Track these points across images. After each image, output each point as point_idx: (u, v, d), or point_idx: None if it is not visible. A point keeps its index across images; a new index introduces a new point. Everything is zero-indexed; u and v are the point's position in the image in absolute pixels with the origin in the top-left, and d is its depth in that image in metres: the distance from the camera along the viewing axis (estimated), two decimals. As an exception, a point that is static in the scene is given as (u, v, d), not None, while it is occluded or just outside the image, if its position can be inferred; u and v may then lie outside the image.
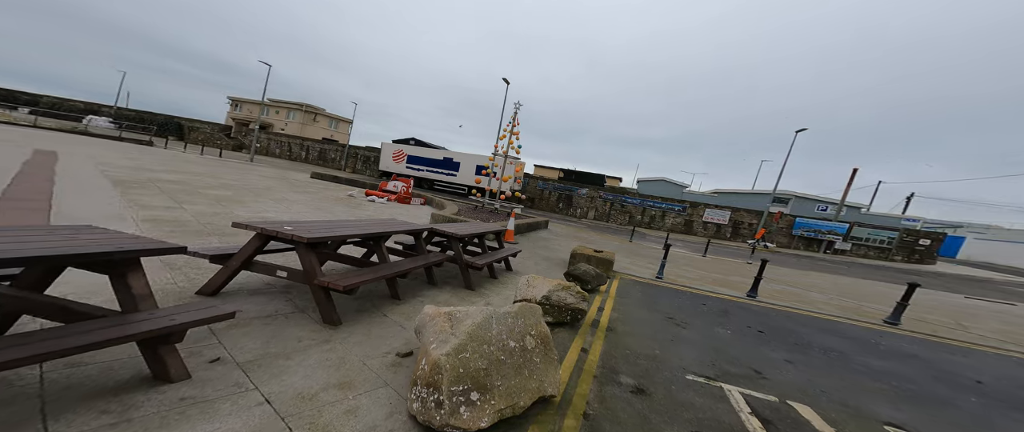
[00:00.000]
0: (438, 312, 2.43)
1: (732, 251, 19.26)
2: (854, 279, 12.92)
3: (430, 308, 2.51)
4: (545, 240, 10.78)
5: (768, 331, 4.80)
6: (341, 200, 11.11)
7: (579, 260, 6.92)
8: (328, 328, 2.72)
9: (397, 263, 3.46)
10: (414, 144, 32.15)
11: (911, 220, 22.82)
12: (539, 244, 9.69)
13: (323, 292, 2.69)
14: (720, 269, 10.87)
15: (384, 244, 3.52)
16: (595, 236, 15.58)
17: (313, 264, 2.69)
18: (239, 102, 43.60)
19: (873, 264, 19.23)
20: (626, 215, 27.61)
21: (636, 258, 10.52)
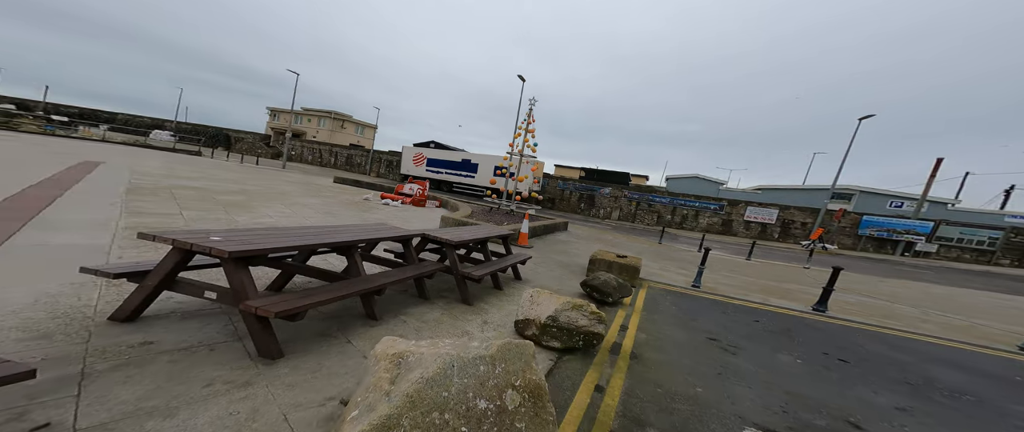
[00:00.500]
0: (384, 353, 1.76)
1: (783, 254, 16.97)
2: (949, 288, 10.58)
3: (382, 344, 1.85)
4: (563, 243, 9.88)
5: (856, 360, 3.62)
6: (355, 204, 11.00)
7: (599, 267, 6.00)
8: (262, 364, 2.15)
9: (368, 278, 2.86)
10: (434, 147, 32.48)
11: (1019, 217, 18.79)
12: (556, 248, 8.83)
13: (256, 319, 2.13)
14: (771, 275, 9.30)
15: (358, 254, 2.94)
16: (620, 238, 14.34)
17: (244, 283, 2.15)
18: (276, 112, 46.99)
19: (970, 269, 15.96)
20: (654, 215, 25.68)
21: (667, 263, 9.28)
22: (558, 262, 6.93)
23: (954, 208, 20.65)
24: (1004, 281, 13.87)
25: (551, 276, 5.64)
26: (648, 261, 9.11)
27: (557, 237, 10.98)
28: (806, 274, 10.42)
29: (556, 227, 12.15)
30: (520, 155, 13.59)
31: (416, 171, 29.03)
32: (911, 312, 6.53)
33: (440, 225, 8.21)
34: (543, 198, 29.81)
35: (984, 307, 7.94)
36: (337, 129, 44.42)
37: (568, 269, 6.45)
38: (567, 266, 6.69)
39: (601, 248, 9.83)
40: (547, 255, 7.51)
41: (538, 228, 10.29)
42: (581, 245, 10.10)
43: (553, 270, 6.14)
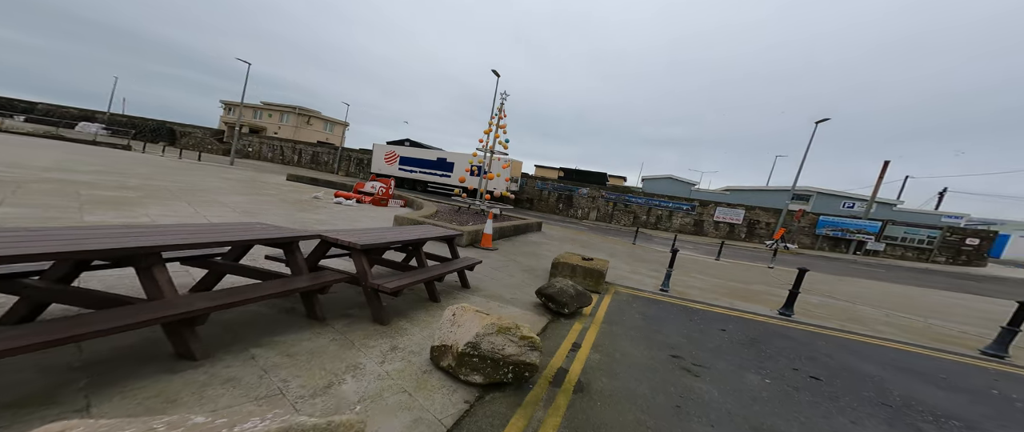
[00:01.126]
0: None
1: (749, 253, 17.45)
2: (902, 286, 11.07)
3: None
4: (534, 245, 9.35)
5: (828, 375, 3.29)
6: (299, 203, 9.90)
7: (562, 271, 5.48)
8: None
9: (170, 302, 1.94)
10: (409, 145, 31.17)
11: (953, 217, 20.53)
12: (525, 249, 8.28)
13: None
14: (738, 276, 9.25)
15: (156, 269, 1.98)
16: (595, 239, 14.06)
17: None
18: (232, 106, 43.44)
19: (913, 267, 17.14)
20: (630, 215, 25.92)
21: (638, 265, 8.99)
22: (522, 266, 6.36)
23: (898, 209, 22.28)
24: (946, 278, 14.91)
25: (509, 283, 5.05)
26: (619, 263, 8.78)
27: (528, 238, 10.45)
28: (771, 274, 10.52)
29: (529, 227, 11.63)
30: (491, 152, 12.94)
31: (388, 170, 27.67)
32: (872, 313, 6.53)
33: (393, 224, 7.40)
34: (522, 198, 29.38)
35: (932, 306, 8.22)
36: (302, 125, 41.67)
37: (531, 273, 5.89)
38: (531, 270, 6.14)
39: (571, 250, 9.41)
40: (512, 258, 6.92)
41: (507, 229, 9.70)
42: (552, 247, 9.61)
43: (514, 275, 5.56)
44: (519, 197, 29.52)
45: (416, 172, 26.88)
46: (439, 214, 10.26)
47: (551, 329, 3.58)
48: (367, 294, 2.86)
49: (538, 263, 6.89)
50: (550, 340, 3.27)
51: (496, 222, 10.22)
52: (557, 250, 9.14)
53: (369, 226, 7.46)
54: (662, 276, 7.35)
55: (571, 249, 9.73)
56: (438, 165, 26.54)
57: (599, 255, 9.24)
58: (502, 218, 12.24)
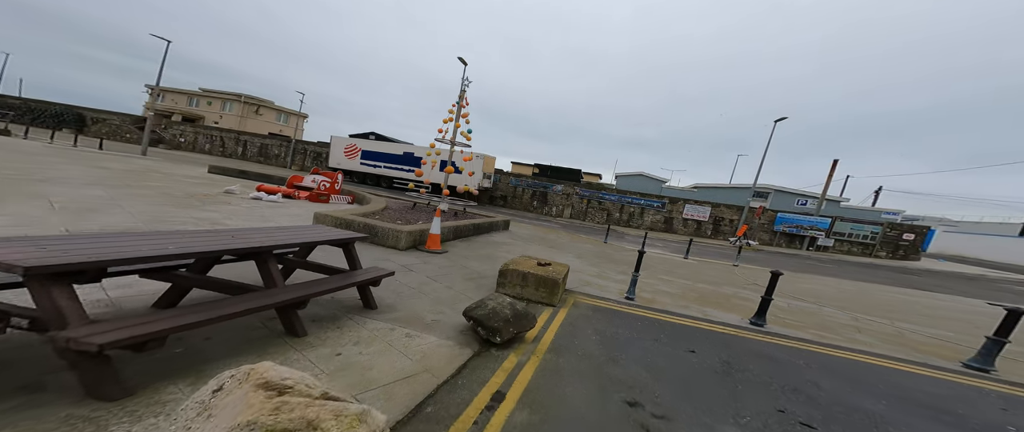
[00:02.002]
0: None
1: (715, 250, 17.67)
2: (857, 283, 11.34)
3: None
4: (495, 246, 8.39)
5: (822, 418, 2.61)
6: (190, 198, 8.16)
7: (510, 280, 4.57)
8: None
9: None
10: (375, 139, 29.03)
11: (891, 213, 22.27)
12: (482, 252, 7.30)
13: None
14: (706, 276, 8.87)
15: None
16: (564, 238, 13.37)
17: None
18: (160, 91, 38.31)
19: (859, 261, 18.23)
20: (604, 213, 25.78)
21: (606, 266, 8.32)
22: (469, 273, 5.38)
23: (844, 206, 23.83)
24: (890, 273, 15.82)
25: (441, 297, 4.04)
26: (585, 265, 8.06)
27: (491, 238, 9.48)
28: (737, 274, 10.31)
29: (494, 226, 10.66)
30: (452, 144, 11.76)
31: (348, 165, 25.51)
32: (841, 318, 6.23)
33: (313, 223, 6.09)
34: (496, 195, 28.36)
35: (895, 305, 8.26)
36: (250, 115, 37.60)
37: (477, 282, 4.92)
38: (478, 278, 5.16)
39: (537, 250, 8.56)
40: (461, 262, 5.92)
41: (465, 228, 8.66)
42: (514, 248, 8.70)
43: (453, 286, 4.56)
44: (492, 194, 28.50)
45: (380, 167, 24.99)
46: (388, 211, 9.00)
47: (473, 368, 2.64)
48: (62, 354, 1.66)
49: (491, 268, 5.95)
50: (462, 389, 2.32)
51: (454, 220, 9.17)
52: (519, 251, 8.26)
53: (287, 223, 6.09)
54: (629, 280, 6.70)
55: (537, 250, 8.89)
56: (405, 160, 24.82)
57: (565, 257, 8.49)
58: (464, 216, 11.17)
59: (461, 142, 12.49)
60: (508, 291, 4.61)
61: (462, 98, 12.30)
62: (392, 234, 5.75)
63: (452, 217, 10.34)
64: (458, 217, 10.52)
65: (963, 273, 16.89)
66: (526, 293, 4.56)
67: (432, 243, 6.39)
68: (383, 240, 5.81)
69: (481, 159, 23.77)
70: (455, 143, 12.41)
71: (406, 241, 5.84)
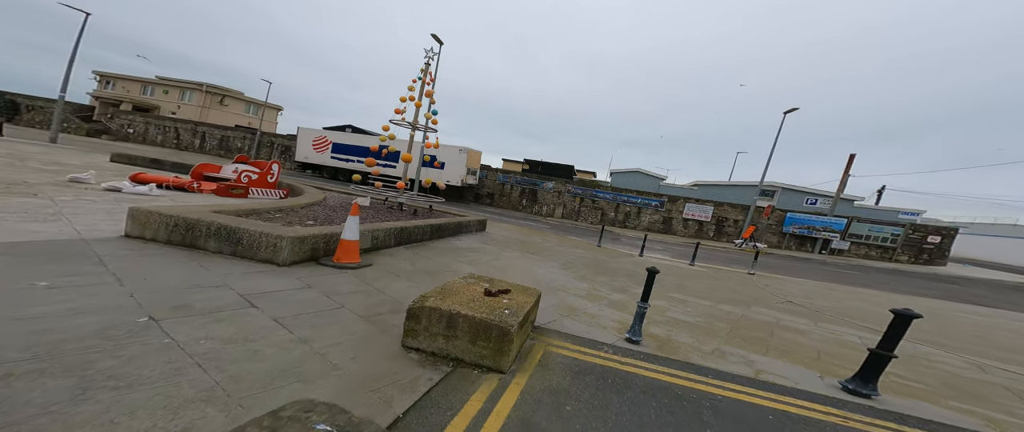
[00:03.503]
0: None
1: (721, 255, 15.83)
2: (905, 298, 9.48)
3: None
4: (455, 254, 6.37)
5: None
6: (11, 185, 6.01)
7: (429, 328, 2.58)
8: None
9: None
10: (351, 132, 26.80)
11: (909, 213, 20.74)
12: (429, 265, 5.27)
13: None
14: (726, 292, 6.93)
15: None
16: (552, 241, 11.37)
17: None
18: (109, 78, 35.41)
19: (882, 267, 16.54)
20: (598, 212, 23.88)
21: (599, 280, 6.33)
22: (377, 305, 3.35)
23: (859, 205, 22.24)
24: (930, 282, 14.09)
25: (239, 376, 2.01)
26: (574, 278, 6.06)
27: (455, 243, 7.43)
28: (761, 286, 8.38)
29: (463, 227, 8.61)
30: (413, 127, 9.66)
31: (318, 159, 23.24)
32: (977, 375, 4.29)
33: (127, 222, 3.91)
34: (482, 192, 26.30)
35: (986, 332, 6.37)
36: (213, 106, 34.84)
37: (373, 329, 2.89)
38: (384, 317, 3.12)
39: (509, 258, 6.53)
40: (380, 284, 3.89)
41: (417, 230, 6.60)
42: (480, 257, 6.67)
43: (310, 342, 2.54)
44: (478, 191, 26.46)
45: (353, 161, 22.76)
46: (315, 209, 6.89)
47: None
48: None
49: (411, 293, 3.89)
50: None
51: (405, 220, 7.10)
52: (488, 261, 6.23)
53: (88, 222, 3.95)
54: (630, 301, 4.74)
55: (511, 259, 6.87)
56: (385, 155, 22.65)
57: (546, 268, 6.48)
58: (427, 215, 9.10)
59: (425, 126, 10.40)
60: (423, 345, 2.58)
61: (426, 74, 10.22)
62: (266, 242, 3.69)
63: (409, 216, 8.28)
64: (418, 216, 8.46)
65: (1003, 281, 15.23)
66: (454, 349, 2.54)
67: (345, 253, 4.32)
68: (254, 250, 3.74)
69: (465, 153, 21.70)
70: (418, 127, 10.30)
71: (291, 252, 3.78)
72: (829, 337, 4.69)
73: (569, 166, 27.33)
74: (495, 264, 6.26)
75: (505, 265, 6.31)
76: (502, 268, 6.05)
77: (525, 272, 6.01)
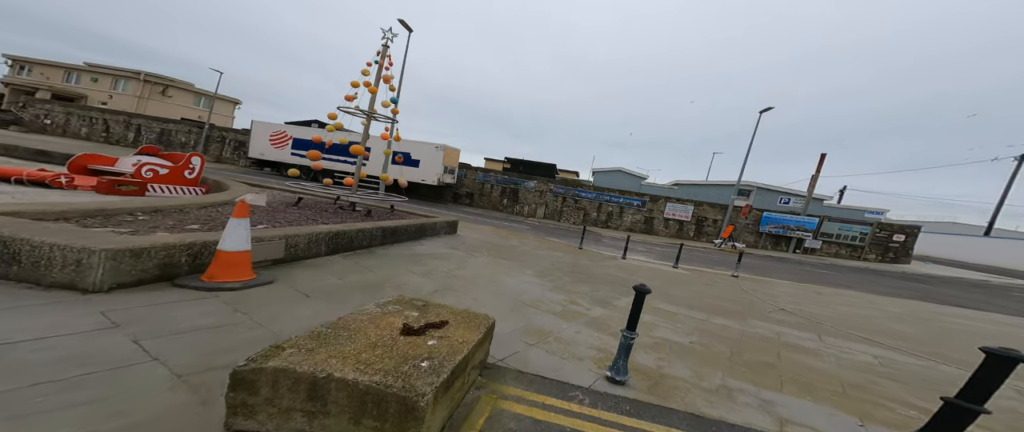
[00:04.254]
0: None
1: (702, 255, 15.57)
2: (894, 301, 9.29)
3: None
4: (408, 263, 5.32)
5: None
6: None
7: (272, 401, 1.49)
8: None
9: None
10: (317, 127, 24.82)
11: (874, 212, 21.58)
12: (366, 280, 4.22)
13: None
14: (715, 300, 6.27)
15: None
16: (530, 243, 10.48)
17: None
18: (24, 63, 31.13)
19: (853, 266, 16.90)
20: (580, 212, 23.32)
21: (579, 290, 5.45)
22: (200, 360, 2.22)
23: (828, 205, 22.93)
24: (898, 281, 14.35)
25: None
26: (549, 289, 5.16)
27: (413, 249, 6.36)
28: (748, 290, 7.85)
29: (425, 230, 7.52)
30: (369, 116, 8.43)
31: (276, 155, 21.24)
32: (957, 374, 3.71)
33: None
34: (461, 192, 25.09)
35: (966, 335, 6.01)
36: (153, 96, 31.30)
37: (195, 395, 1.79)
38: (207, 376, 2.02)
39: (478, 265, 5.50)
40: (268, 312, 2.82)
41: (362, 234, 5.47)
42: (441, 267, 5.63)
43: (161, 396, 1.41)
44: (457, 191, 25.24)
45: None
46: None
47: None
48: None
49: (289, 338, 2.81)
50: None
51: (352, 222, 5.94)
52: (450, 270, 5.21)
53: None
54: (614, 318, 3.87)
55: (480, 265, 5.87)
56: (348, 150, 20.98)
57: (519, 277, 5.49)
58: (386, 216, 7.93)
59: (382, 114, 9.17)
60: (266, 428, 1.54)
61: (384, 55, 9.02)
62: (62, 258, 2.48)
63: (360, 217, 7.10)
64: (371, 218, 7.29)
65: (964, 278, 15.86)
66: (331, 426, 1.52)
67: (224, 269, 3.15)
68: (42, 271, 2.52)
69: (441, 151, 20.47)
70: (375, 116, 9.07)
71: (111, 271, 2.57)
72: (844, 359, 4.03)
73: (551, 165, 26.66)
74: (458, 274, 5.25)
75: (471, 275, 5.31)
76: (466, 279, 5.06)
77: (492, 283, 5.05)
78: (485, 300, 4.27)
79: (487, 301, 4.24)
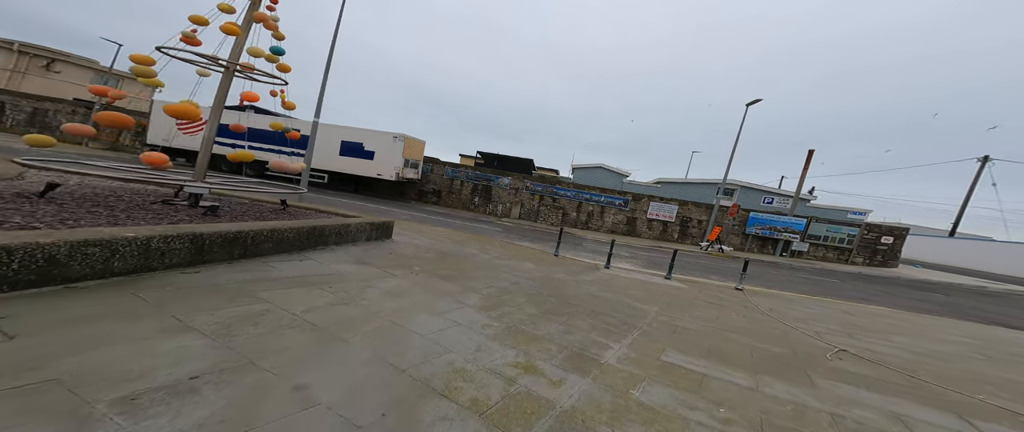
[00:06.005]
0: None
1: (692, 260, 14.00)
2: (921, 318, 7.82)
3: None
4: (239, 298, 2.85)
5: None
6: None
7: None
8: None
9: None
10: (255, 113, 21.28)
11: (857, 213, 21.23)
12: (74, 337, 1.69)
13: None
14: (751, 345, 4.30)
15: None
16: (494, 251, 8.27)
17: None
18: None
19: (846, 271, 16.04)
20: (559, 212, 21.39)
21: (540, 336, 3.24)
22: None
23: (812, 205, 22.41)
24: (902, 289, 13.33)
25: None
26: (492, 341, 2.87)
27: (287, 269, 3.97)
28: (780, 315, 6.01)
29: (325, 236, 5.09)
30: (230, 69, 5.70)
31: (185, 142, 17.64)
32: None
33: None
34: (427, 190, 22.44)
35: None
36: (33, 70, 25.77)
37: None
38: None
39: (346, 309, 2.85)
40: None
41: (287, 234, 2.93)
42: (318, 300, 3.23)
43: None
44: (422, 188, 22.57)
45: (243, 148, 17.59)
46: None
47: None
48: None
49: None
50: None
51: (194, 222, 3.38)
52: (329, 306, 2.82)
53: None
54: (605, 402, 1.77)
55: (394, 292, 3.49)
56: (283, 139, 17.78)
57: (449, 315, 2.70)
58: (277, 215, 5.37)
59: (254, 68, 6.28)
60: None
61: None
62: None
63: (199, 219, 4.53)
64: (214, 219, 4.73)
65: (965, 285, 15.21)
66: None
67: None
68: None
69: (401, 141, 17.81)
70: (243, 69, 6.23)
71: None
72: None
73: (528, 160, 24.58)
74: (342, 314, 2.92)
75: (359, 314, 3.00)
76: (344, 323, 2.75)
77: (390, 332, 2.76)
78: (345, 380, 1.98)
79: (349, 382, 1.96)
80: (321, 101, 9.46)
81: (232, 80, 5.42)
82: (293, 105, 6.41)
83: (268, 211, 5.70)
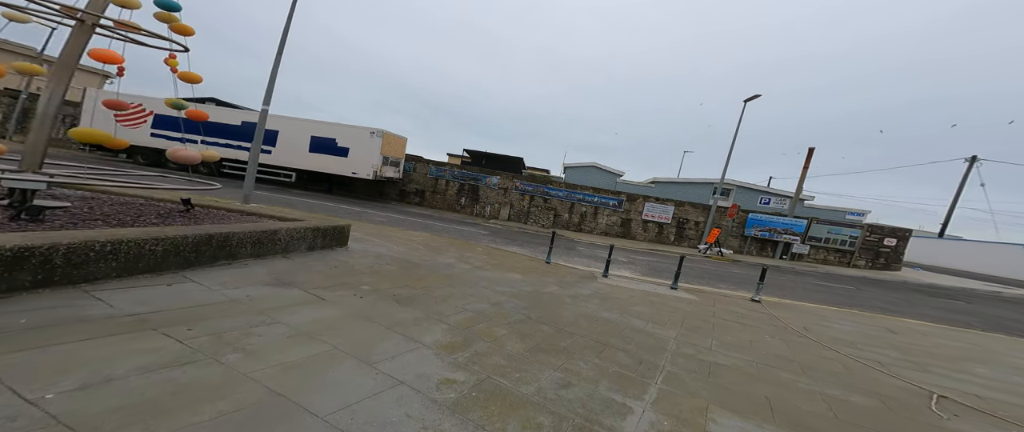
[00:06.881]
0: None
1: (691, 265, 13.03)
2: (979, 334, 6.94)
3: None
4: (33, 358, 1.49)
5: None
6: None
7: None
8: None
9: None
10: (216, 106, 19.49)
11: (855, 213, 20.81)
12: None
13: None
14: (806, 390, 3.20)
15: None
16: (476, 259, 7.06)
17: None
18: None
19: (850, 275, 15.37)
20: (550, 213, 20.27)
21: (520, 400, 1.98)
22: None
23: (810, 205, 21.92)
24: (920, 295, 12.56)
25: None
26: (447, 417, 1.64)
27: (162, 299, 2.56)
28: (822, 340, 4.96)
29: (240, 246, 3.80)
30: (78, 18, 4.28)
31: (127, 135, 15.70)
32: None
33: None
34: (409, 190, 21.01)
35: None
36: None
37: None
38: None
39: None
40: None
41: (201, 243, 1.58)
42: (160, 352, 1.86)
43: None
44: (404, 187, 21.14)
45: (196, 143, 15.90)
46: None
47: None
48: None
49: None
50: None
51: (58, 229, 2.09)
52: (146, 386, 1.55)
53: None
54: None
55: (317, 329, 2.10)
56: (246, 133, 16.17)
57: (393, 364, 1.83)
58: (95, 215, 4.01)
59: (131, 25, 4.52)
60: None
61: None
62: None
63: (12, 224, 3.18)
64: (45, 222, 3.39)
65: (980, 290, 14.47)
66: None
67: None
68: None
69: (379, 137, 16.40)
70: (118, 26, 4.34)
71: None
72: None
73: (518, 159, 23.41)
74: (173, 384, 1.60)
75: (223, 380, 1.69)
76: (183, 398, 1.43)
77: (268, 410, 1.47)
78: None
79: None
80: (272, 86, 8.11)
81: (91, 37, 4.02)
82: (198, 78, 5.04)
83: (158, 213, 4.28)
